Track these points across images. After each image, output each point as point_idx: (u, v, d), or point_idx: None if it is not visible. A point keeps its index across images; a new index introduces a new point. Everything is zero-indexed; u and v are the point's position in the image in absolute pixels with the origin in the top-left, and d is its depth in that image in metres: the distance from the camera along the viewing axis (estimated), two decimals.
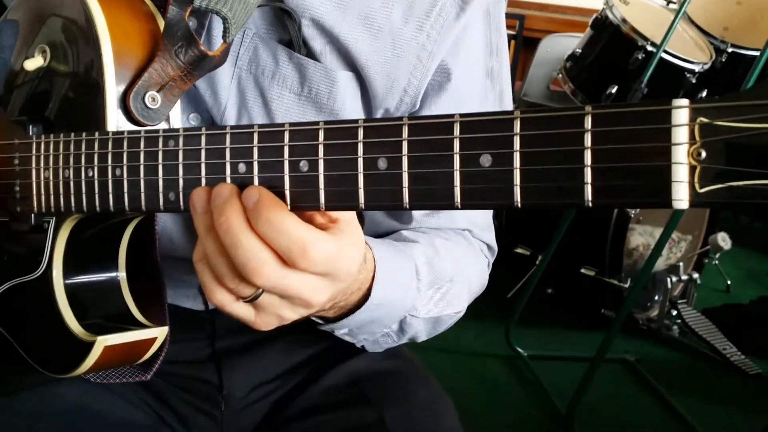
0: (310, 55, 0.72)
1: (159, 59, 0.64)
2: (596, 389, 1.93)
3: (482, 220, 0.85)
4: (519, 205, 0.38)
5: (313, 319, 0.67)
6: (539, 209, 0.36)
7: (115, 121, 0.64)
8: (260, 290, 0.52)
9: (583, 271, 2.37)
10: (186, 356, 0.82)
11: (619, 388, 2.19)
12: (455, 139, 0.40)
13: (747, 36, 2.45)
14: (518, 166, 0.38)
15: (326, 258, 0.49)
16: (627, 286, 2.30)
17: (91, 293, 0.70)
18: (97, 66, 0.64)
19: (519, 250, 2.54)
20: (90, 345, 0.65)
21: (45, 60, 0.71)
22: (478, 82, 0.80)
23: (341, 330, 0.70)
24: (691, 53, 2.35)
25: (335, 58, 0.73)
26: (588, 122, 0.36)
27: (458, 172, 0.40)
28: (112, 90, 0.64)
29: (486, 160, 0.39)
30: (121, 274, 0.71)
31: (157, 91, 0.64)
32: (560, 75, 2.61)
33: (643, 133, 0.34)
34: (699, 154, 0.33)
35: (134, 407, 0.79)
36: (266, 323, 0.55)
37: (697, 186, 0.34)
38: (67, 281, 0.69)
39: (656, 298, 2.53)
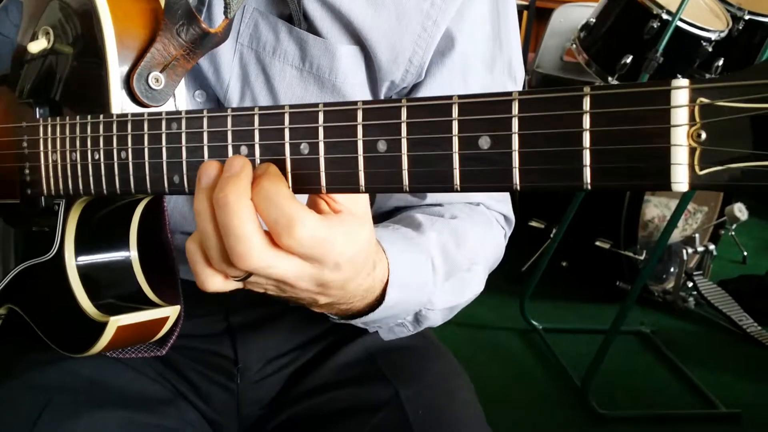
0: (312, 29, 0.71)
1: (161, 39, 0.64)
2: (611, 361, 1.93)
3: (497, 193, 0.83)
4: (518, 188, 0.38)
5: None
6: (538, 192, 0.36)
7: (120, 103, 0.63)
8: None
9: (598, 243, 2.36)
10: (201, 330, 0.83)
11: (634, 361, 2.19)
12: (454, 122, 0.40)
13: (765, 2, 2.38)
14: (517, 148, 0.38)
15: (311, 239, 0.48)
16: (642, 258, 2.29)
17: (104, 273, 0.71)
18: (100, 48, 0.64)
19: (533, 224, 2.53)
20: (103, 325, 0.66)
21: (49, 42, 0.70)
22: (484, 47, 0.78)
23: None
24: (707, 21, 2.30)
25: (338, 31, 0.71)
26: (587, 103, 0.36)
27: (457, 154, 0.40)
28: (116, 72, 0.63)
29: (485, 142, 0.38)
30: (133, 254, 0.72)
31: (161, 72, 0.64)
32: (574, 45, 2.56)
33: (643, 115, 0.34)
34: (699, 136, 0.33)
35: (151, 381, 0.80)
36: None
37: (696, 168, 0.33)
38: (80, 262, 0.69)
39: (672, 270, 2.52)
